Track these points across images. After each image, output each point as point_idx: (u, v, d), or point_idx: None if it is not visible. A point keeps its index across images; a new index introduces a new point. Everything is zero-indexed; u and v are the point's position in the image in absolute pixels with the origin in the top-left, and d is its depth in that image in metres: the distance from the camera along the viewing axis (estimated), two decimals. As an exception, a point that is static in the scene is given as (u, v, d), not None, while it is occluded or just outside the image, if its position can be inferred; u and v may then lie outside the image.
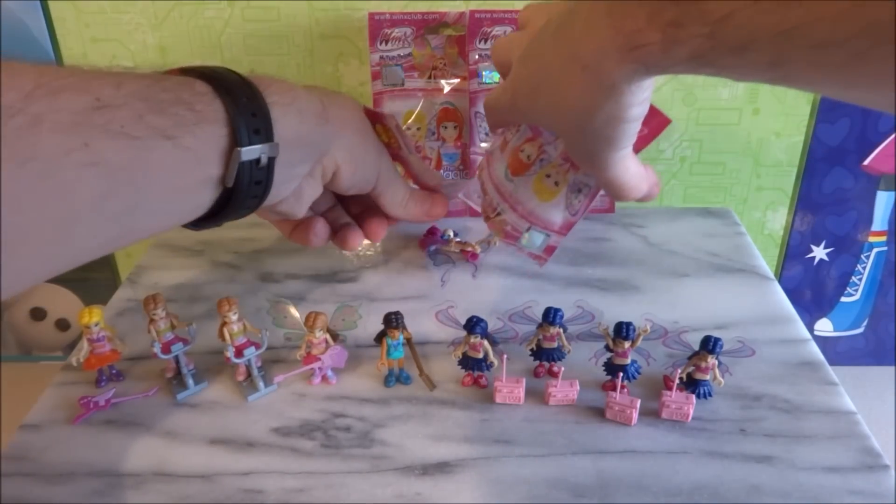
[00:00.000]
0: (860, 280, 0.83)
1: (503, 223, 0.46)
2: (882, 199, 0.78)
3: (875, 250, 0.81)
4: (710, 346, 0.46)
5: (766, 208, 0.78)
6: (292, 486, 0.43)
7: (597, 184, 0.43)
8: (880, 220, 0.79)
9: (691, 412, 0.46)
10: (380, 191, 0.50)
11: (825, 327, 0.86)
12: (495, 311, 0.52)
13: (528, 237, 0.46)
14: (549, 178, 0.43)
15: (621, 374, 0.47)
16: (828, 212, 0.78)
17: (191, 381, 0.49)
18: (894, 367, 0.88)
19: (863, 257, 0.81)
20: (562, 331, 0.49)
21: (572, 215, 0.45)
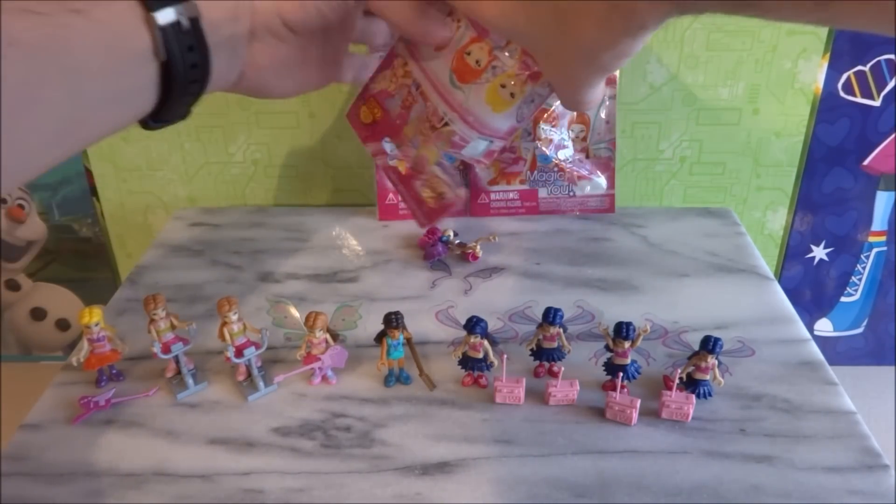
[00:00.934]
0: (860, 280, 0.83)
1: (451, 133, 0.43)
2: (882, 199, 0.78)
3: (875, 250, 0.81)
4: (710, 346, 0.46)
5: (765, 208, 0.78)
6: (292, 485, 0.43)
7: (550, 93, 0.41)
8: (880, 220, 0.79)
9: (691, 412, 0.46)
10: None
11: (825, 327, 0.86)
12: (495, 312, 0.52)
13: (472, 144, 0.43)
14: (504, 88, 0.40)
15: (621, 374, 0.47)
16: (827, 212, 0.78)
17: (191, 381, 0.49)
18: (894, 367, 0.88)
19: (862, 257, 0.81)
20: (562, 331, 0.49)
21: (518, 122, 0.42)
